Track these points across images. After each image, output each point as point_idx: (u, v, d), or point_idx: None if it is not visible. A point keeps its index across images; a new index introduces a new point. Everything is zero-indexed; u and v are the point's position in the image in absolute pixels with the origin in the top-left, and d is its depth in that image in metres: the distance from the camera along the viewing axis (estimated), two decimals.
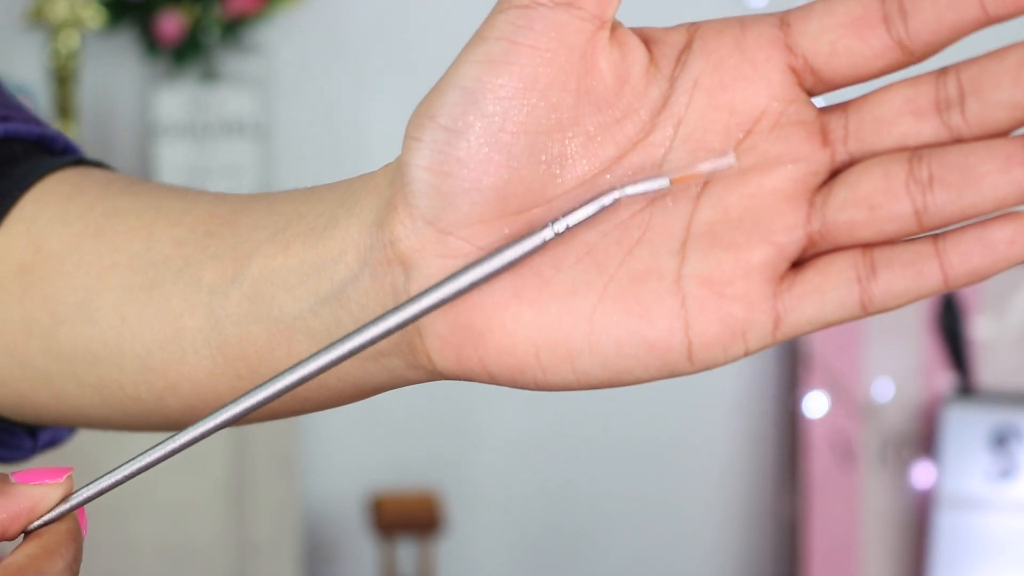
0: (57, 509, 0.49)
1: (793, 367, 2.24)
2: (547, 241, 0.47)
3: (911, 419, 2.16)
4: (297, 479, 2.00)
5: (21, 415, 0.61)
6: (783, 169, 0.46)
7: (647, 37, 0.48)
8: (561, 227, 0.47)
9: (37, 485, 0.48)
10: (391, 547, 2.09)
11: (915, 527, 2.16)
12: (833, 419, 2.17)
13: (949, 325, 2.15)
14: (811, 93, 0.47)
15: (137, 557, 1.92)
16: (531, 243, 0.47)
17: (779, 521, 2.31)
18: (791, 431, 2.26)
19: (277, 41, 2.20)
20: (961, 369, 2.15)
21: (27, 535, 0.48)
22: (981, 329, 2.16)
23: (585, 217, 0.47)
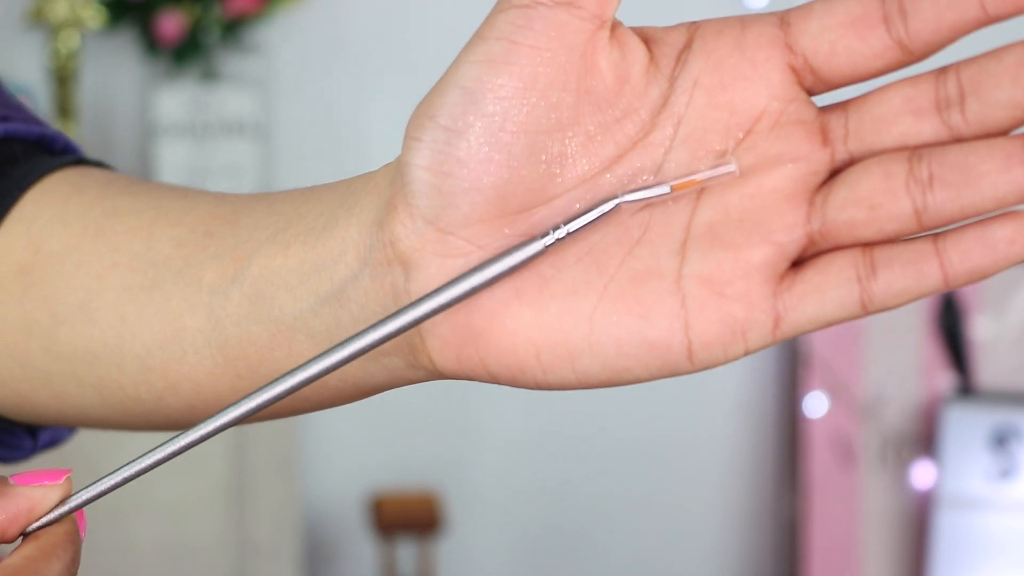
0: (56, 511, 0.48)
1: (793, 367, 2.24)
2: (548, 247, 0.47)
3: (911, 419, 2.16)
4: (297, 479, 2.00)
5: (21, 415, 0.61)
6: (783, 169, 0.46)
7: (647, 37, 0.48)
8: (561, 233, 0.47)
9: (36, 487, 0.48)
10: (391, 547, 2.09)
11: (915, 527, 2.16)
12: (833, 419, 2.17)
13: (949, 325, 2.15)
14: (811, 92, 0.47)
15: (137, 557, 1.92)
16: (531, 249, 0.47)
17: (779, 521, 2.31)
18: (791, 431, 2.26)
19: (277, 41, 2.20)
20: (961, 369, 2.15)
21: (25, 537, 0.48)
22: (981, 329, 2.16)
23: (585, 223, 0.47)
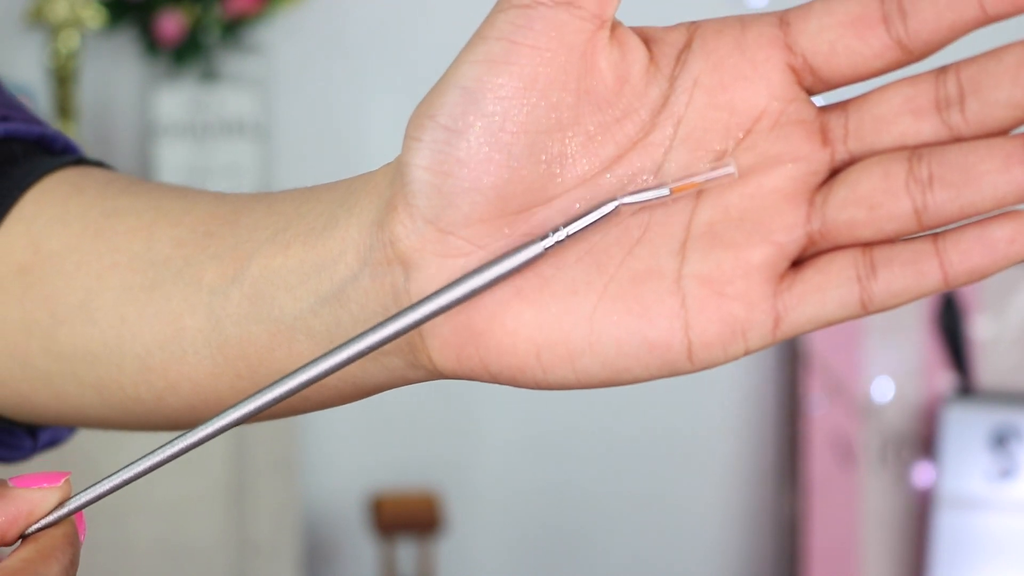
0: (54, 513, 0.48)
1: (793, 367, 2.24)
2: (548, 249, 0.47)
3: (911, 419, 2.16)
4: (297, 479, 2.00)
5: (21, 415, 0.61)
6: (783, 168, 0.47)
7: (647, 36, 0.48)
8: (561, 236, 0.47)
9: (35, 489, 0.48)
10: (391, 547, 2.09)
11: (915, 527, 2.16)
12: (833, 419, 2.17)
13: (949, 325, 2.15)
14: (811, 92, 0.47)
15: (137, 557, 1.91)
16: (531, 251, 0.47)
17: (779, 521, 2.31)
18: (791, 431, 2.26)
19: (277, 41, 2.20)
20: (961, 369, 2.15)
21: (24, 539, 0.48)
22: (981, 329, 2.16)
23: (585, 225, 0.47)
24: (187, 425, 0.54)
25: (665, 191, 0.47)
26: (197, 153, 2.13)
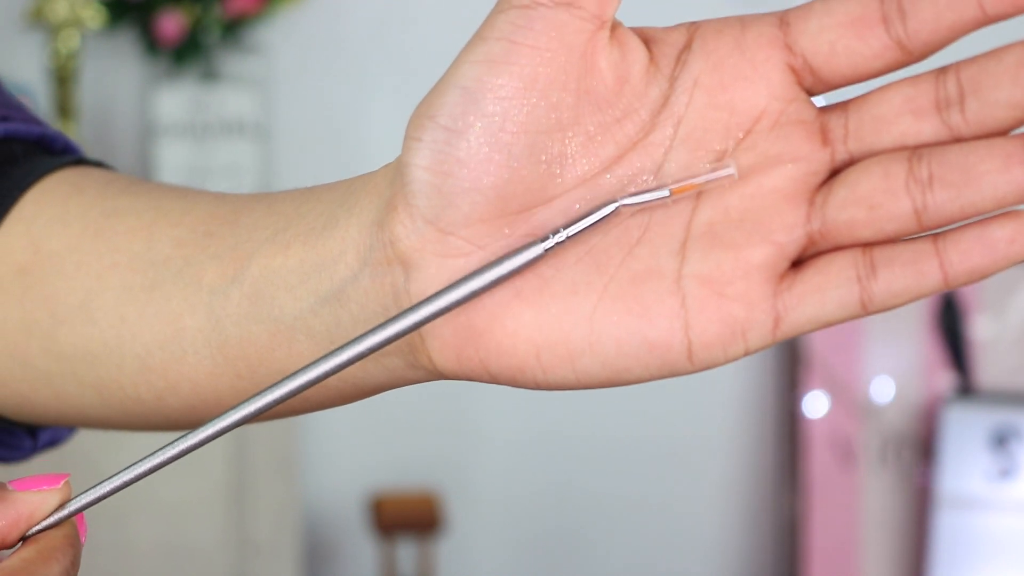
0: (55, 515, 0.48)
1: (793, 367, 2.24)
2: (548, 250, 0.47)
3: (911, 419, 2.16)
4: (297, 479, 2.00)
5: (21, 415, 0.61)
6: (783, 168, 0.47)
7: (647, 37, 0.48)
8: (561, 237, 0.47)
9: (35, 492, 0.48)
10: (391, 547, 2.09)
11: (915, 527, 2.16)
12: (833, 419, 2.17)
13: (949, 325, 2.15)
14: (811, 92, 0.47)
15: (137, 557, 1.91)
16: (531, 253, 0.47)
17: (779, 521, 2.31)
18: (791, 431, 2.26)
19: (277, 41, 2.20)
20: (961, 369, 2.15)
21: (25, 541, 0.48)
22: (981, 329, 2.16)
23: (585, 227, 0.47)
24: (187, 425, 0.54)
25: (665, 192, 0.47)
26: (197, 153, 2.13)
